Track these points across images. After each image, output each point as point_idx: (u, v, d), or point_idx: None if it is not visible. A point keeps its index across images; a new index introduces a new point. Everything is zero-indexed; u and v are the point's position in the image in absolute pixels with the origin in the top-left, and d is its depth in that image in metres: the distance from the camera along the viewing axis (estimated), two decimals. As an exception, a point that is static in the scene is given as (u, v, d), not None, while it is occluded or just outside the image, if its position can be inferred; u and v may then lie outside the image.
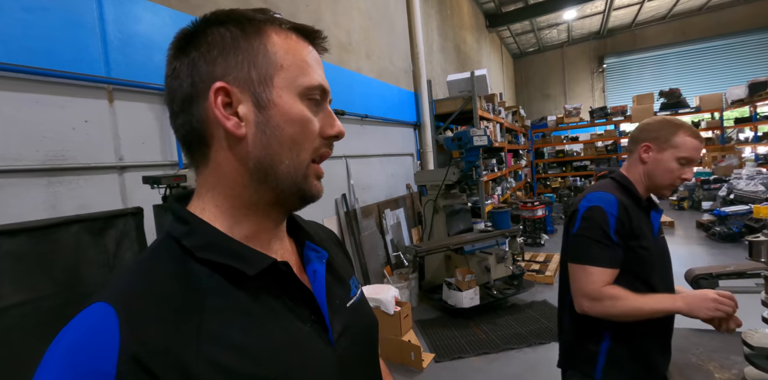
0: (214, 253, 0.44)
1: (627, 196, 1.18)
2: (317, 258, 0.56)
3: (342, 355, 0.50)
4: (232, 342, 0.41)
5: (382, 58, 4.77)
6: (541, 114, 13.06)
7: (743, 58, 11.50)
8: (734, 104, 8.85)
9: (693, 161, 1.15)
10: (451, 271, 3.61)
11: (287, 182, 0.48)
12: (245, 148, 0.47)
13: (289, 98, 0.47)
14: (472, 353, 2.83)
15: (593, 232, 1.09)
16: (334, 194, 3.61)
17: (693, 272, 1.61)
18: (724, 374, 1.13)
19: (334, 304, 0.53)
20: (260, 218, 0.50)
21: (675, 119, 1.19)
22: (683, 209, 7.46)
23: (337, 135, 0.51)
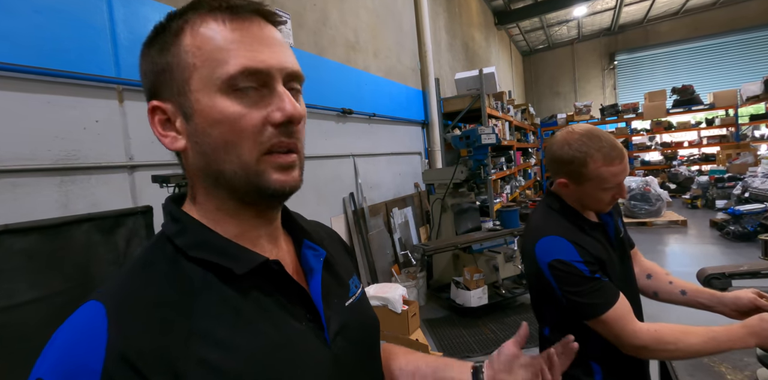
0: (205, 251, 0.45)
1: (573, 224, 1.10)
2: (314, 257, 0.55)
3: (338, 354, 0.50)
4: (222, 341, 0.41)
5: (389, 56, 4.76)
6: (550, 112, 12.93)
7: (758, 54, 11.26)
8: (749, 101, 8.66)
9: (619, 184, 1.05)
10: (459, 270, 3.60)
11: (240, 182, 0.45)
12: (189, 160, 0.47)
13: (207, 99, 0.43)
14: (480, 352, 2.82)
15: (576, 284, 1.00)
16: (342, 193, 3.61)
17: (705, 271, 1.59)
18: (736, 375, 1.11)
19: (331, 303, 0.53)
20: (241, 219, 0.49)
21: (583, 144, 1.03)
22: (696, 207, 7.34)
23: (288, 120, 0.44)
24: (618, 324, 0.98)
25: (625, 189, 1.09)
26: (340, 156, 3.64)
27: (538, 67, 14.67)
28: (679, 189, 8.54)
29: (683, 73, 12.07)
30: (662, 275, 1.27)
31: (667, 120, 10.13)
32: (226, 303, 0.43)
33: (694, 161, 9.90)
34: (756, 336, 0.91)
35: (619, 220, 1.24)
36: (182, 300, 0.42)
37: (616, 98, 13.03)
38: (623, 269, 1.16)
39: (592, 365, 1.12)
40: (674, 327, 0.98)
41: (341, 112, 3.62)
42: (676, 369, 1.18)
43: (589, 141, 1.04)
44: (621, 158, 1.03)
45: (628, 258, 1.22)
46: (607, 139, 1.04)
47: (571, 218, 1.11)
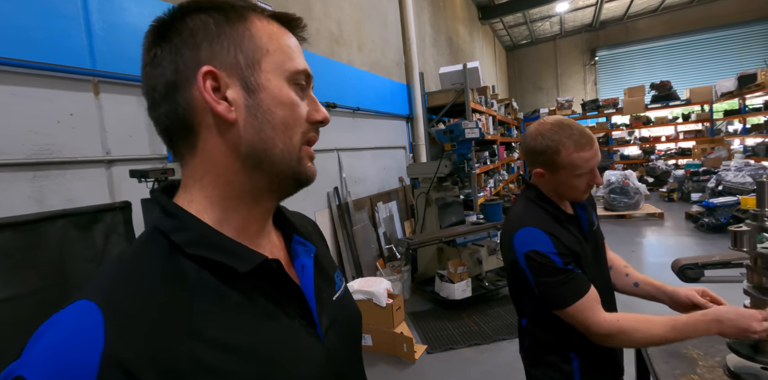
0: (205, 248, 0.43)
1: (551, 215, 1.13)
2: (305, 252, 0.55)
3: (330, 350, 0.50)
4: (220, 341, 0.40)
5: (374, 50, 4.73)
6: (533, 107, 13.08)
7: (732, 51, 11.58)
8: (724, 97, 8.92)
9: (592, 170, 1.09)
10: (444, 263, 3.63)
11: (282, 165, 0.47)
12: (237, 133, 0.46)
13: (277, 81, 0.47)
14: (464, 344, 2.86)
15: (549, 275, 1.04)
16: (326, 187, 3.60)
17: (679, 262, 1.63)
18: (707, 361, 1.16)
19: (321, 299, 0.53)
20: (251, 207, 0.49)
21: (555, 134, 1.08)
22: (673, 200, 7.55)
23: (323, 121, 0.51)
24: (584, 315, 1.02)
25: (599, 175, 1.13)
26: (324, 150, 3.62)
27: (522, 63, 14.79)
28: (656, 183, 8.77)
29: (661, 69, 12.34)
30: (621, 268, 1.33)
31: (645, 115, 10.36)
32: (224, 303, 0.43)
33: (671, 155, 10.16)
34: (719, 327, 0.95)
35: (594, 213, 1.27)
36: (180, 300, 0.41)
37: (597, 94, 13.24)
38: (596, 261, 1.19)
39: (570, 354, 1.15)
40: (637, 317, 1.02)
41: (325, 106, 3.59)
42: (651, 356, 1.22)
43: (560, 130, 1.08)
44: (591, 144, 1.07)
45: (602, 250, 1.25)
46: (576, 127, 1.09)
47: (548, 210, 1.15)
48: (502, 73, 14.12)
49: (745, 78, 7.95)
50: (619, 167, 9.33)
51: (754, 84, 7.59)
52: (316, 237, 0.64)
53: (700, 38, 11.95)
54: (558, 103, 10.85)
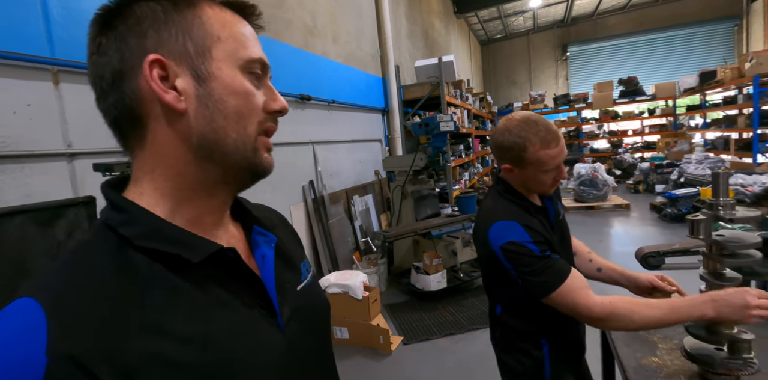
0: (156, 241, 0.43)
1: (521, 207, 1.15)
2: (266, 243, 0.54)
3: (291, 340, 0.50)
4: (173, 333, 0.40)
5: (349, 42, 4.68)
6: (507, 100, 13.29)
7: (695, 49, 12.06)
8: (686, 92, 9.31)
9: (558, 166, 1.11)
10: (419, 255, 3.67)
11: (236, 156, 0.46)
12: (187, 123, 0.44)
13: (229, 70, 0.46)
14: (439, 334, 2.92)
15: (529, 264, 1.05)
16: (301, 180, 3.56)
17: (642, 250, 1.71)
18: (666, 344, 1.22)
19: (283, 289, 0.53)
20: (205, 199, 0.48)
21: (522, 130, 1.09)
22: (639, 192, 7.85)
23: (281, 110, 0.50)
24: (572, 298, 1.02)
25: (564, 170, 1.15)
26: (298, 143, 3.57)
27: (496, 57, 14.96)
28: (623, 175, 9.09)
29: (629, 65, 12.73)
30: (585, 254, 1.39)
31: (614, 110, 10.70)
32: (176, 294, 0.42)
33: (637, 148, 10.55)
34: (715, 309, 0.93)
35: (559, 204, 1.31)
36: (130, 293, 0.40)
37: (569, 88, 13.56)
38: (563, 250, 1.23)
39: (541, 340, 1.19)
40: (630, 299, 1.01)
41: (299, 98, 3.54)
42: (614, 340, 1.28)
43: (526, 127, 1.10)
44: (557, 141, 1.10)
45: (567, 239, 1.30)
46: (543, 123, 1.11)
47: (518, 202, 1.17)
48: (477, 68, 14.25)
49: (706, 75, 8.30)
50: (589, 160, 9.61)
51: (714, 80, 7.95)
52: (281, 228, 0.64)
53: (666, 36, 12.38)
54: (531, 97, 11.06)
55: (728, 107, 7.93)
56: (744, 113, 7.40)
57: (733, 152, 7.34)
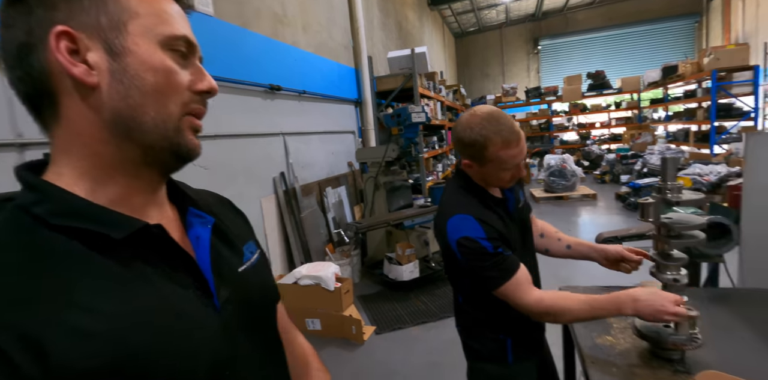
0: (72, 218, 0.41)
1: (480, 201, 1.17)
2: (201, 224, 0.54)
3: (228, 320, 0.49)
4: (86, 305, 0.38)
5: (320, 32, 4.60)
6: (481, 93, 13.43)
7: (659, 44, 12.48)
8: (650, 86, 9.65)
9: (517, 164, 1.13)
10: (392, 246, 3.70)
11: (155, 135, 0.45)
12: (100, 99, 0.43)
13: (147, 46, 0.44)
14: (412, 323, 2.95)
15: (480, 259, 1.08)
16: (272, 172, 3.50)
17: (602, 235, 1.77)
18: (620, 324, 1.27)
19: (221, 269, 0.52)
20: (130, 179, 0.47)
21: (483, 128, 1.08)
22: (605, 182, 8.13)
23: (209, 91, 0.49)
24: (515, 294, 1.09)
25: (523, 169, 1.17)
26: (269, 134, 3.51)
27: (469, 50, 15.05)
28: (591, 166, 9.38)
29: (598, 59, 13.06)
30: (553, 234, 1.42)
31: (582, 102, 10.99)
32: (93, 269, 0.41)
33: (604, 140, 10.89)
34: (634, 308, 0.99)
35: (521, 191, 1.33)
36: (39, 270, 0.39)
37: (540, 81, 13.82)
38: (522, 238, 1.26)
39: (500, 325, 1.22)
40: (558, 296, 1.09)
41: (269, 88, 3.47)
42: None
43: (489, 125, 1.09)
44: (518, 141, 1.10)
45: (528, 227, 1.32)
46: (505, 122, 1.10)
47: (477, 196, 1.18)
48: (451, 60, 14.32)
49: (668, 69, 8.62)
50: (559, 152, 9.86)
51: (675, 75, 8.26)
52: (223, 211, 0.63)
53: (632, 31, 12.75)
54: (503, 90, 11.21)
55: (688, 101, 8.27)
56: (703, 106, 7.74)
57: (693, 144, 7.68)
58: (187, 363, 0.43)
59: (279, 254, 3.47)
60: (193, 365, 0.43)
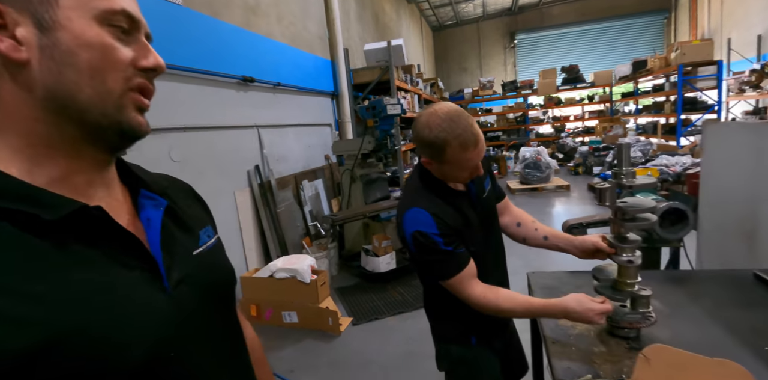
0: (2, 199, 0.40)
1: (438, 195, 1.18)
2: (153, 206, 0.54)
3: (179, 300, 0.49)
4: (20, 293, 0.38)
5: (294, 23, 4.53)
6: (459, 86, 13.49)
7: (630, 39, 12.79)
8: (621, 80, 9.91)
9: (475, 165, 1.14)
10: (370, 239, 3.71)
11: (94, 113, 0.44)
12: (30, 76, 0.42)
13: (81, 21, 0.43)
14: (388, 313, 2.98)
15: (429, 254, 1.13)
16: (246, 165, 3.46)
17: (568, 222, 1.83)
18: (582, 305, 1.32)
19: (173, 252, 0.52)
20: (70, 158, 0.46)
21: (442, 131, 1.08)
22: (578, 174, 8.33)
23: (155, 68, 0.48)
24: (460, 288, 1.15)
25: (481, 168, 1.17)
26: (242, 127, 3.45)
27: (447, 43, 15.09)
28: (565, 158, 9.60)
29: (572, 53, 13.29)
30: (529, 224, 1.44)
31: (557, 96, 11.20)
32: (23, 252, 0.40)
33: (578, 133, 11.15)
34: (567, 314, 1.08)
35: (488, 179, 1.33)
36: None
37: (516, 75, 13.98)
38: (485, 228, 1.28)
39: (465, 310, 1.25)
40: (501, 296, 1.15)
41: (242, 80, 3.41)
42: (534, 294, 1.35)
43: (447, 127, 1.07)
44: (475, 144, 1.10)
45: (492, 214, 1.34)
46: (463, 124, 1.08)
47: (435, 190, 1.20)
48: (429, 53, 14.33)
49: (638, 64, 8.86)
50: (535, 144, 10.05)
51: (645, 69, 8.50)
52: (183, 196, 0.63)
53: (604, 26, 13.02)
54: (481, 83, 11.32)
55: (657, 94, 8.54)
56: (670, 100, 8.00)
57: (660, 136, 7.95)
58: (124, 341, 0.42)
59: (255, 247, 3.43)
60: (130, 343, 0.43)
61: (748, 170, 1.74)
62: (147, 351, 0.44)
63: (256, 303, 2.96)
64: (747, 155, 1.76)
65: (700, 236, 1.96)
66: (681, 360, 0.80)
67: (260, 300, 2.95)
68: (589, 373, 0.97)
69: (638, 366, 0.80)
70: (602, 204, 1.10)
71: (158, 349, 0.45)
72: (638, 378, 0.79)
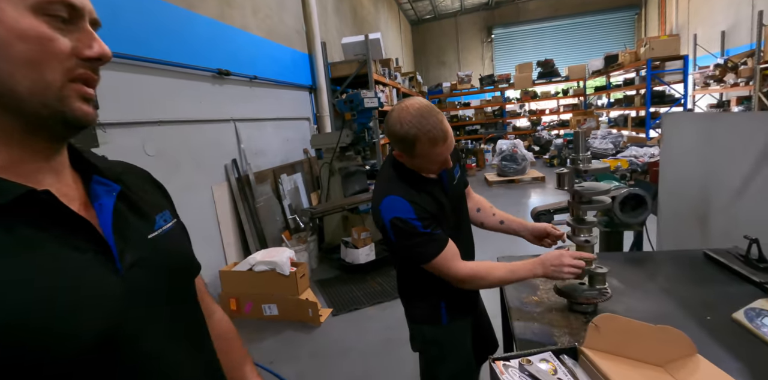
0: None
1: (412, 183, 1.23)
2: (106, 192, 0.54)
3: (133, 283, 0.50)
4: None
5: (271, 16, 4.49)
6: (437, 80, 13.56)
7: (602, 34, 13.10)
8: (594, 74, 10.15)
9: (444, 159, 1.19)
10: (349, 231, 3.75)
11: (35, 104, 0.44)
12: None
13: (14, 11, 0.42)
14: (368, 303, 3.04)
15: (409, 238, 1.16)
16: (223, 159, 3.44)
17: (536, 209, 1.91)
18: (546, 285, 1.40)
19: (127, 235, 0.52)
20: (14, 147, 0.46)
21: (413, 127, 1.12)
22: (554, 165, 8.55)
23: (100, 57, 0.47)
24: (444, 266, 1.19)
25: (450, 162, 1.23)
26: (218, 121, 3.42)
27: (426, 37, 15.13)
28: (541, 151, 9.82)
29: (547, 48, 13.51)
30: (488, 209, 1.53)
31: (533, 90, 11.40)
32: None
33: (553, 126, 11.40)
34: (543, 270, 1.15)
35: (456, 167, 1.39)
36: None
37: (494, 69, 14.15)
38: (456, 213, 1.34)
39: (436, 292, 1.32)
40: (485, 264, 1.22)
41: (217, 73, 3.37)
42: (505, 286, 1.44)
43: (418, 123, 1.12)
44: (444, 140, 1.15)
45: (463, 200, 1.42)
46: (434, 121, 1.13)
47: (409, 180, 1.25)
48: (408, 47, 14.34)
49: (610, 58, 9.10)
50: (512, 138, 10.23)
51: (616, 64, 8.74)
52: (140, 182, 0.63)
53: (578, 21, 13.28)
54: (459, 77, 11.42)
55: (628, 88, 8.80)
56: (640, 93, 8.26)
57: (631, 128, 8.21)
58: (68, 330, 0.42)
59: (233, 242, 3.43)
60: (76, 331, 0.42)
61: (702, 158, 1.85)
62: (97, 335, 0.44)
63: (235, 296, 2.97)
64: (701, 144, 1.87)
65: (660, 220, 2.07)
66: (627, 327, 0.87)
67: (240, 293, 2.96)
68: (548, 344, 1.05)
69: (589, 333, 0.87)
70: (561, 188, 1.17)
71: (110, 331, 0.46)
72: (589, 344, 0.86)
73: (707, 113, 3.03)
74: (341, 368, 2.34)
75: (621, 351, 0.86)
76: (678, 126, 2.04)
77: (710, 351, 0.96)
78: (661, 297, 1.27)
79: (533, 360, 0.83)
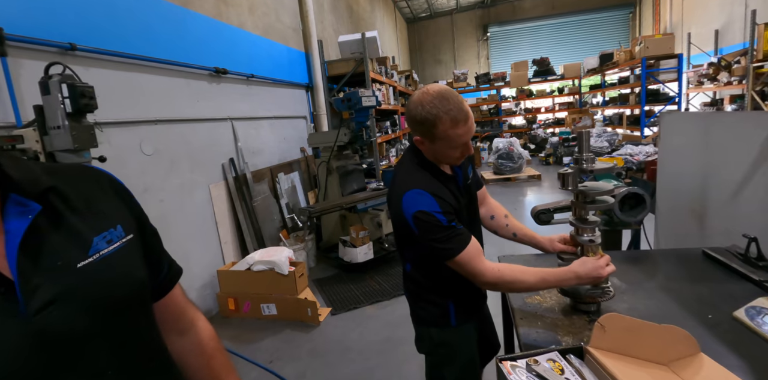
0: None
1: (433, 176, 1.22)
2: (20, 214, 0.45)
3: (44, 329, 0.43)
4: None
5: (267, 13, 4.46)
6: (433, 78, 13.58)
7: (598, 32, 13.14)
8: (589, 73, 10.20)
9: (465, 143, 1.18)
10: (347, 230, 3.75)
11: None
12: None
13: None
14: (367, 302, 3.04)
15: (435, 232, 1.14)
16: (221, 158, 3.42)
17: (536, 208, 1.91)
18: (548, 284, 1.40)
19: (42, 267, 0.45)
20: None
21: (434, 107, 1.13)
22: (549, 163, 8.60)
23: None
24: (469, 265, 1.16)
25: (471, 147, 1.24)
26: (215, 119, 3.40)
27: (422, 35, 15.10)
28: (537, 149, 9.85)
29: (543, 46, 13.54)
30: (502, 219, 1.53)
31: (529, 88, 11.43)
32: None
33: (549, 124, 11.44)
34: (577, 278, 1.13)
35: (470, 167, 1.41)
36: None
37: (489, 68, 14.16)
38: (469, 212, 1.35)
39: (444, 291, 1.32)
40: (514, 268, 1.18)
41: (214, 71, 3.35)
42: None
43: (439, 104, 1.13)
44: (466, 120, 1.16)
45: (474, 201, 1.42)
46: (454, 101, 1.15)
47: (430, 172, 1.24)
48: (404, 45, 14.31)
49: (605, 57, 9.14)
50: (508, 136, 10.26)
51: (611, 62, 8.78)
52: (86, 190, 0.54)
53: (573, 20, 13.31)
54: (455, 75, 11.42)
55: (622, 86, 8.85)
56: (635, 92, 8.31)
57: (626, 126, 8.26)
58: None
59: (231, 241, 3.42)
60: None
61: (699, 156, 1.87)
62: None
63: (233, 296, 2.96)
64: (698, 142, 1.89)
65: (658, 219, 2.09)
66: (633, 327, 0.87)
67: (238, 293, 2.95)
68: (552, 344, 1.05)
69: (595, 333, 0.87)
70: (565, 188, 1.17)
71: None
72: (595, 343, 0.87)
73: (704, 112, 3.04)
74: (340, 367, 2.34)
75: (626, 350, 0.86)
76: (676, 125, 2.06)
77: (712, 349, 0.97)
78: (662, 295, 1.28)
79: (540, 360, 0.83)
